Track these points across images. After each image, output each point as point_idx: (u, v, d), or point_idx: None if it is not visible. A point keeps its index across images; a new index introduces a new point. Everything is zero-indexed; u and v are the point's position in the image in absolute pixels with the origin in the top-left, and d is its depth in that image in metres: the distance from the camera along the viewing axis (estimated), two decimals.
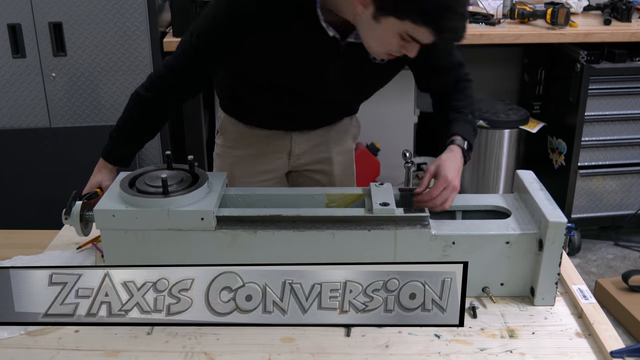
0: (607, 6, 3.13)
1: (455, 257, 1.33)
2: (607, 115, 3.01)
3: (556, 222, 1.26)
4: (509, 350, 1.22)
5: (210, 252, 1.34)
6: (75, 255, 1.54)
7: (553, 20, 2.91)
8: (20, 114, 2.70)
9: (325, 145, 1.78)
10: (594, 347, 1.23)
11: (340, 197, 1.47)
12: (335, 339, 1.25)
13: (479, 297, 1.37)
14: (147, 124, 1.57)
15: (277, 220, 1.35)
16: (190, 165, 1.45)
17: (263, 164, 1.76)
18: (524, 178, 1.46)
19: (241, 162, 1.75)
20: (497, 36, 2.88)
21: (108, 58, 2.65)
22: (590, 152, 3.07)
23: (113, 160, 1.56)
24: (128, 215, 1.32)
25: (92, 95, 2.70)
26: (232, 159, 1.76)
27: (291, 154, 1.76)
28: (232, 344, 1.24)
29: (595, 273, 3.05)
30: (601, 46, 2.95)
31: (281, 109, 1.63)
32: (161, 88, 1.51)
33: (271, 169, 1.77)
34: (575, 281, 1.42)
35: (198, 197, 1.35)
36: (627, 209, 3.20)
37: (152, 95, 1.52)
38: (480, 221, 1.37)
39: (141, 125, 1.56)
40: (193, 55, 1.46)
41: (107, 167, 1.55)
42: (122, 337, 1.26)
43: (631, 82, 2.98)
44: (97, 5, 2.57)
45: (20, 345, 1.24)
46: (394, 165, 3.19)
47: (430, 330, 1.27)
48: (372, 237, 1.32)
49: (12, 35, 2.58)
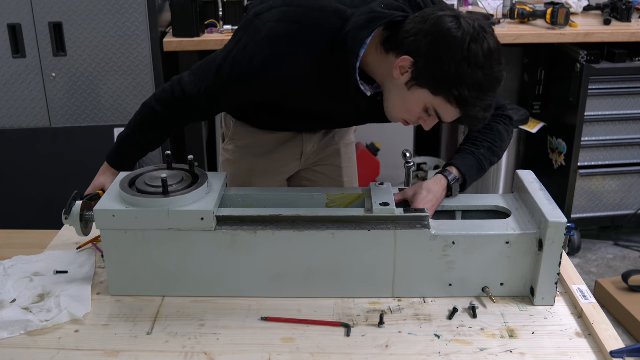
0: (607, 6, 3.13)
1: (455, 257, 1.33)
2: (607, 115, 3.01)
3: (556, 222, 1.26)
4: (509, 350, 1.22)
5: (210, 252, 1.34)
6: (75, 255, 1.55)
7: (553, 20, 2.91)
8: (20, 114, 2.70)
9: (332, 139, 1.80)
10: (594, 347, 1.23)
11: (340, 197, 1.47)
12: (335, 339, 1.25)
13: (479, 297, 1.37)
14: (154, 136, 1.56)
15: (277, 220, 1.35)
16: (190, 165, 1.45)
17: (279, 166, 1.75)
18: (524, 178, 1.46)
19: (259, 166, 1.73)
20: (497, 36, 2.87)
21: (108, 58, 2.65)
22: (590, 152, 3.07)
23: (116, 165, 1.56)
24: (128, 215, 1.32)
25: (92, 95, 2.70)
26: (249, 164, 1.73)
27: (303, 153, 1.76)
28: (232, 344, 1.24)
29: (595, 273, 3.05)
30: (601, 46, 2.95)
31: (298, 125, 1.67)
32: (175, 105, 1.46)
33: (286, 170, 1.77)
34: (575, 281, 1.42)
35: (198, 197, 1.35)
36: (627, 209, 3.20)
37: (164, 111, 1.47)
38: (480, 221, 1.37)
39: (148, 137, 1.55)
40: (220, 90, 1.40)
41: (111, 171, 1.55)
42: (122, 337, 1.26)
43: (631, 82, 2.98)
44: (97, 5, 2.57)
45: (20, 345, 1.24)
46: (394, 165, 3.20)
47: (430, 330, 1.27)
48: (372, 237, 1.32)
49: (12, 35, 2.58)
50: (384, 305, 1.35)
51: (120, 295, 1.39)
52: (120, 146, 1.56)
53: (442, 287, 1.36)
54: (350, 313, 1.33)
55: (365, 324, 1.30)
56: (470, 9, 3.33)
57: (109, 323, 1.31)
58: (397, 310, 1.34)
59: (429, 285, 1.36)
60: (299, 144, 1.73)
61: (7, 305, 1.34)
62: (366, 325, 1.29)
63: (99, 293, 1.40)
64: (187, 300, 1.37)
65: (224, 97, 1.44)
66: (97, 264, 1.50)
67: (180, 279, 1.37)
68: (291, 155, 1.75)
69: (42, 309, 1.32)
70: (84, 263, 1.51)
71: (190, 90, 1.42)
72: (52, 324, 1.28)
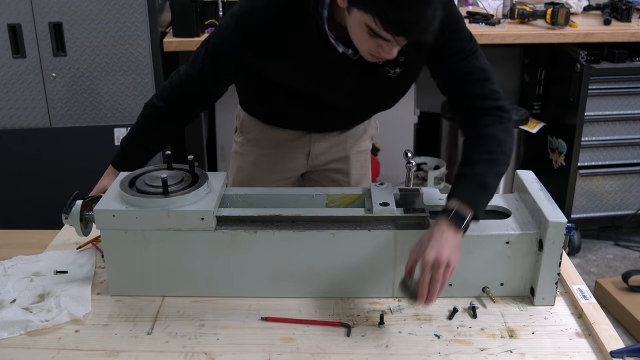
0: (607, 6, 3.13)
1: None
2: (607, 115, 3.01)
3: (556, 222, 1.26)
4: (509, 350, 1.22)
5: (210, 252, 1.34)
6: (75, 255, 1.55)
7: (553, 20, 2.91)
8: (20, 114, 2.70)
9: (344, 144, 1.78)
10: (593, 347, 1.23)
11: (340, 197, 1.47)
12: (335, 339, 1.25)
13: (479, 297, 1.37)
14: (159, 135, 1.57)
15: (277, 220, 1.35)
16: (190, 165, 1.45)
17: (283, 163, 1.76)
18: (524, 178, 1.46)
19: (263, 161, 1.75)
20: (497, 36, 2.88)
21: (108, 58, 2.65)
22: (590, 152, 3.07)
23: (122, 168, 1.56)
24: (128, 215, 1.32)
25: (92, 95, 2.70)
26: (254, 157, 1.76)
27: (310, 154, 1.76)
28: (232, 344, 1.24)
29: (595, 273, 3.05)
30: (601, 46, 2.95)
31: (301, 111, 1.64)
32: (175, 98, 1.51)
33: (290, 168, 1.77)
34: (575, 281, 1.42)
35: (198, 197, 1.35)
36: (627, 209, 3.20)
37: (165, 105, 1.51)
38: (480, 221, 1.37)
39: (152, 136, 1.56)
40: (208, 66, 1.46)
41: (115, 173, 1.55)
42: (122, 337, 1.26)
43: (631, 82, 2.98)
44: (97, 5, 2.57)
45: (20, 345, 1.24)
46: (394, 165, 3.20)
47: (430, 330, 1.27)
48: (372, 237, 1.32)
49: (12, 35, 2.58)
50: (384, 305, 1.35)
51: (120, 295, 1.39)
52: (124, 148, 1.56)
53: None
54: (350, 313, 1.33)
55: (365, 324, 1.30)
56: (470, 9, 3.34)
57: (109, 323, 1.31)
58: (397, 310, 1.34)
59: None
60: (306, 144, 1.73)
61: (7, 305, 1.34)
62: (366, 325, 1.29)
63: (99, 293, 1.40)
64: (187, 300, 1.37)
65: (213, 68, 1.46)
66: (97, 264, 1.50)
67: (180, 279, 1.37)
68: (297, 153, 1.75)
69: (42, 309, 1.32)
70: (84, 263, 1.51)
71: (187, 72, 1.48)
72: (52, 324, 1.28)
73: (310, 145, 1.74)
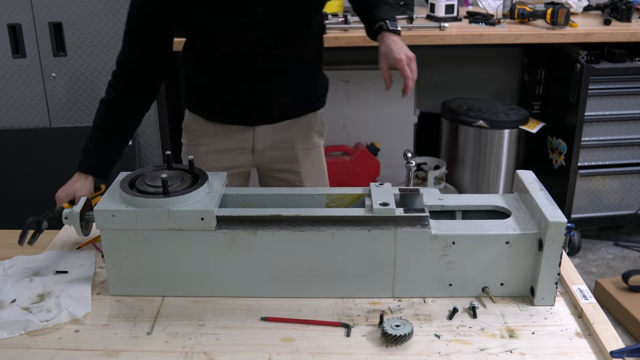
0: (607, 6, 3.13)
1: (455, 257, 1.33)
2: (607, 115, 3.01)
3: (556, 222, 1.26)
4: (509, 350, 1.22)
5: (211, 252, 1.34)
6: (75, 255, 1.55)
7: (553, 20, 2.91)
8: (20, 114, 2.70)
9: (291, 142, 1.79)
10: (594, 347, 1.23)
11: (340, 197, 1.47)
12: (335, 339, 1.25)
13: (479, 297, 1.37)
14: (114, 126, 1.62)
15: (277, 220, 1.35)
16: (190, 165, 1.45)
17: (227, 160, 1.78)
18: (524, 178, 1.46)
19: (205, 159, 1.76)
20: (497, 36, 2.88)
21: (108, 58, 2.66)
22: (590, 152, 3.07)
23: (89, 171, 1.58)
24: (128, 215, 1.32)
25: (92, 95, 2.70)
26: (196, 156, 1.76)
27: (254, 149, 1.77)
28: (232, 344, 1.24)
29: (595, 273, 3.05)
30: (601, 46, 2.96)
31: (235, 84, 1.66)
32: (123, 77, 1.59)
33: (235, 165, 1.79)
34: (575, 281, 1.42)
35: (198, 197, 1.35)
36: (627, 209, 3.20)
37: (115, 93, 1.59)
38: (480, 221, 1.37)
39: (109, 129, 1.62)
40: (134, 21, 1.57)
41: (83, 176, 1.57)
42: (122, 337, 1.26)
43: (631, 82, 2.98)
44: (97, 5, 2.58)
45: (20, 345, 1.24)
46: (394, 165, 3.19)
47: (430, 330, 1.27)
48: (372, 237, 1.32)
49: (12, 35, 2.58)
50: (384, 305, 1.35)
51: (120, 295, 1.39)
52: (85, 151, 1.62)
53: (442, 287, 1.36)
54: (350, 313, 1.33)
55: (365, 324, 1.30)
56: (470, 8, 3.34)
57: (109, 323, 1.31)
58: (397, 310, 1.34)
59: (429, 285, 1.36)
60: (249, 138, 1.76)
61: (7, 305, 1.34)
62: (366, 325, 1.29)
63: (99, 293, 1.40)
64: (187, 300, 1.37)
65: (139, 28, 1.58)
66: (97, 264, 1.50)
67: (180, 279, 1.37)
68: (239, 148, 1.77)
69: (42, 309, 1.32)
70: (84, 263, 1.51)
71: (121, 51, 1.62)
72: (52, 324, 1.28)
73: (254, 140, 1.76)
